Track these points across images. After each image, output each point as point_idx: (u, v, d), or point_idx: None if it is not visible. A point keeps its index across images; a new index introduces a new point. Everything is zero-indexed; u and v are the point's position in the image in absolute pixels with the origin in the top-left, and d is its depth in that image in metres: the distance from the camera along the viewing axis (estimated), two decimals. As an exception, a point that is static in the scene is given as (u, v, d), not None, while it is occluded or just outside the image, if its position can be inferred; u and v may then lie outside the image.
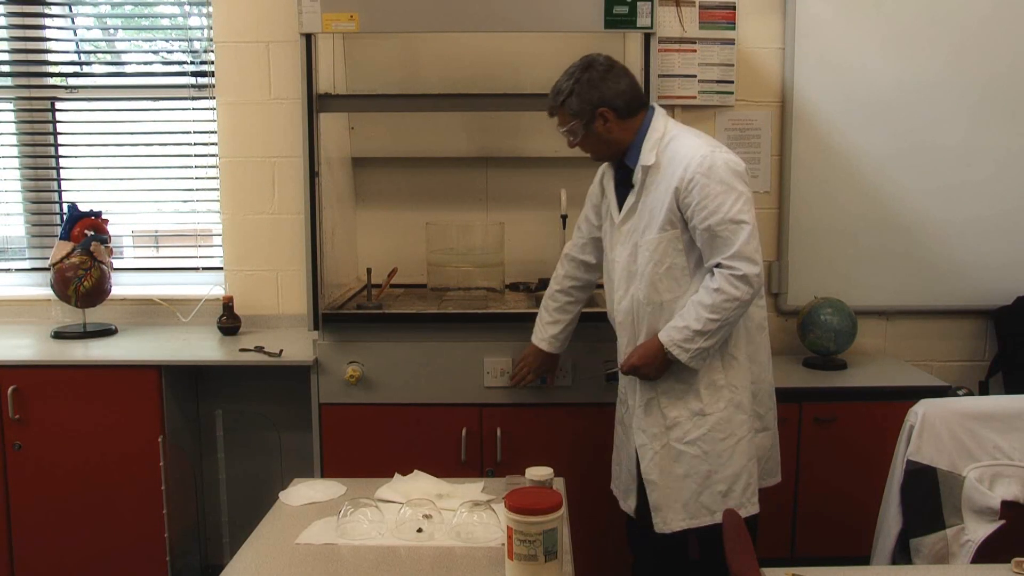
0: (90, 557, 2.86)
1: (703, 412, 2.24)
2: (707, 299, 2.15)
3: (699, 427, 2.24)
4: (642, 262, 2.25)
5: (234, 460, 3.23)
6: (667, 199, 2.19)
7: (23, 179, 3.49)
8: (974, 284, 3.29)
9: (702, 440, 2.24)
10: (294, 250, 3.23)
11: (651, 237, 2.23)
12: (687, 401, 2.25)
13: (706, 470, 2.24)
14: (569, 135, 2.29)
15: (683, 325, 2.17)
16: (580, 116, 2.24)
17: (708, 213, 2.13)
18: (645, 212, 2.25)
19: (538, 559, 1.54)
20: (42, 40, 3.42)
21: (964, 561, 1.86)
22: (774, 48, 3.24)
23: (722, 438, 2.24)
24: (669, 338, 2.18)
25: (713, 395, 2.24)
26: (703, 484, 2.24)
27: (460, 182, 3.25)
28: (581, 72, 2.24)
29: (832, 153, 3.24)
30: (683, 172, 2.16)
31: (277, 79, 3.25)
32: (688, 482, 2.25)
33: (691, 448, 2.24)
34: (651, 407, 2.28)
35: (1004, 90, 3.21)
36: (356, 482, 2.08)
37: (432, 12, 2.60)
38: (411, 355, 2.77)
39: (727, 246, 2.13)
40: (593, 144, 2.30)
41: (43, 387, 2.80)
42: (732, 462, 2.25)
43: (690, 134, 2.28)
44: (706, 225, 2.14)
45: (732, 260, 2.12)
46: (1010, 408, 1.98)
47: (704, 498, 2.25)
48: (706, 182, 2.14)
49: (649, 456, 2.28)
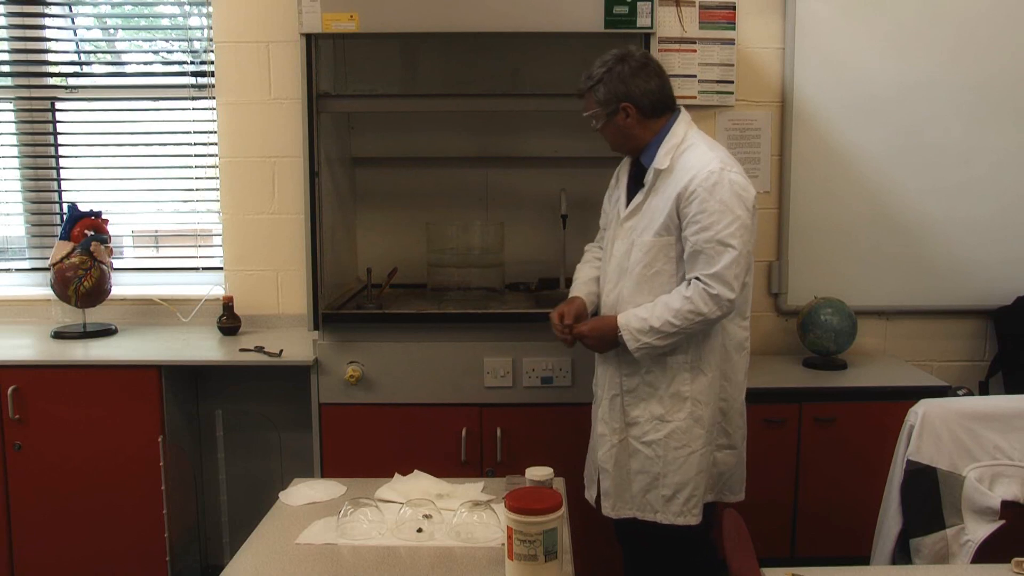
0: (90, 557, 2.86)
1: (663, 419, 2.27)
2: (675, 304, 2.17)
3: (657, 431, 2.28)
4: (634, 261, 2.27)
5: (234, 460, 3.23)
6: (668, 205, 2.20)
7: (23, 179, 3.49)
8: (974, 284, 3.29)
9: (657, 444, 2.28)
10: (294, 250, 3.23)
11: (647, 239, 2.25)
12: (649, 405, 2.28)
13: (656, 472, 2.29)
14: (591, 120, 2.31)
15: (644, 317, 2.20)
16: (604, 106, 2.26)
17: (699, 228, 2.14)
18: (648, 213, 2.26)
19: (538, 559, 1.54)
20: (42, 40, 3.42)
21: (964, 561, 1.86)
22: (774, 48, 3.24)
23: (676, 447, 2.27)
24: (626, 322, 2.22)
25: (676, 404, 2.27)
26: (651, 484, 2.30)
27: (460, 182, 3.25)
28: (615, 63, 2.24)
29: (832, 153, 3.24)
30: (687, 182, 2.17)
31: (277, 79, 3.25)
32: (640, 477, 2.32)
33: (647, 449, 2.30)
34: (615, 403, 2.33)
35: (1004, 89, 3.21)
36: (356, 482, 2.08)
37: (432, 12, 2.60)
38: (411, 355, 2.77)
39: (709, 264, 2.13)
40: (611, 135, 2.32)
41: (43, 387, 2.80)
42: (680, 471, 2.27)
43: (707, 146, 2.27)
44: (695, 239, 2.15)
45: (710, 279, 2.13)
46: (1010, 408, 1.98)
47: (650, 496, 2.31)
48: (706, 197, 2.14)
49: (606, 447, 2.34)
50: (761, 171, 3.28)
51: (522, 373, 2.76)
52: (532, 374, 2.75)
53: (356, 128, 3.20)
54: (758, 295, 3.30)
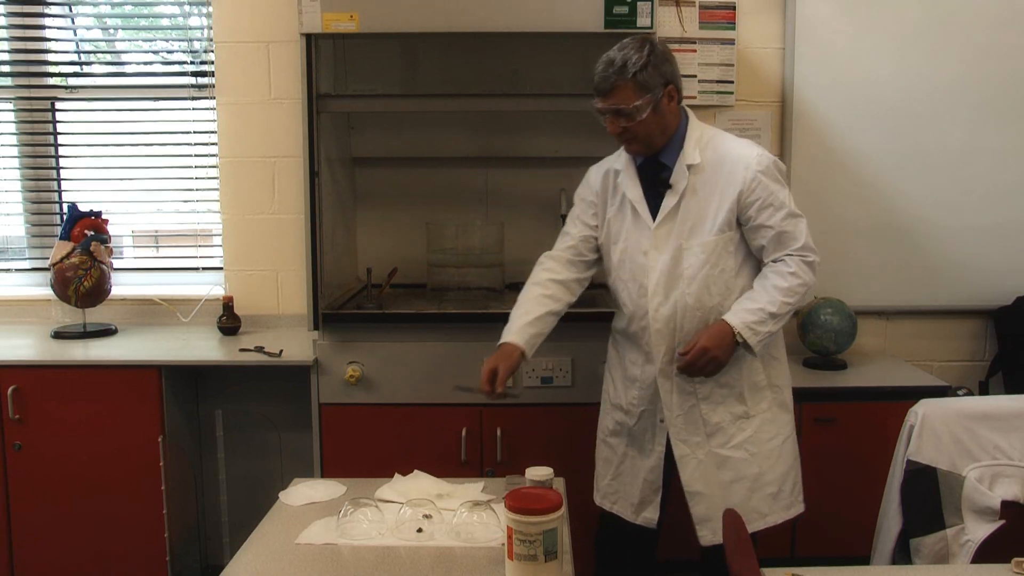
0: (90, 557, 2.86)
1: (747, 415, 2.21)
2: (783, 282, 2.12)
3: (743, 430, 2.20)
4: (693, 265, 2.16)
5: (234, 460, 3.23)
6: (727, 200, 2.14)
7: (23, 179, 3.49)
8: (974, 284, 3.28)
9: (748, 443, 2.21)
10: (294, 250, 3.23)
11: (706, 240, 2.15)
12: (729, 405, 2.20)
13: (755, 472, 2.21)
14: (633, 114, 2.10)
15: (757, 307, 2.10)
16: (652, 90, 2.10)
17: (775, 210, 2.13)
18: (690, 213, 2.17)
19: (538, 559, 1.54)
20: (42, 40, 3.42)
21: (964, 561, 1.86)
22: (774, 48, 3.24)
23: (768, 439, 2.22)
24: (741, 321, 2.08)
25: (755, 396, 2.22)
26: (753, 487, 2.21)
27: (460, 182, 3.25)
28: (648, 47, 2.11)
29: (832, 153, 3.24)
30: (744, 172, 2.13)
31: (277, 79, 3.25)
32: (737, 487, 2.21)
33: (738, 452, 2.20)
34: (692, 415, 2.21)
35: (1004, 90, 3.21)
36: (356, 482, 2.08)
37: (432, 12, 2.60)
38: (411, 355, 2.77)
39: (794, 239, 2.15)
40: (650, 127, 2.14)
41: (43, 387, 2.80)
42: (781, 462, 2.23)
43: (724, 134, 2.28)
44: (773, 222, 2.13)
45: (803, 250, 2.15)
46: (1010, 408, 1.98)
47: (755, 502, 2.21)
48: (767, 181, 2.14)
49: (692, 466, 2.22)
50: (761, 171, 3.27)
51: (522, 373, 2.75)
52: (532, 374, 2.75)
53: (356, 128, 3.19)
54: (758, 295, 3.30)
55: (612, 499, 2.36)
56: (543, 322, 2.25)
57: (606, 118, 2.15)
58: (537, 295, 2.28)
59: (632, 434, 2.31)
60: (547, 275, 2.31)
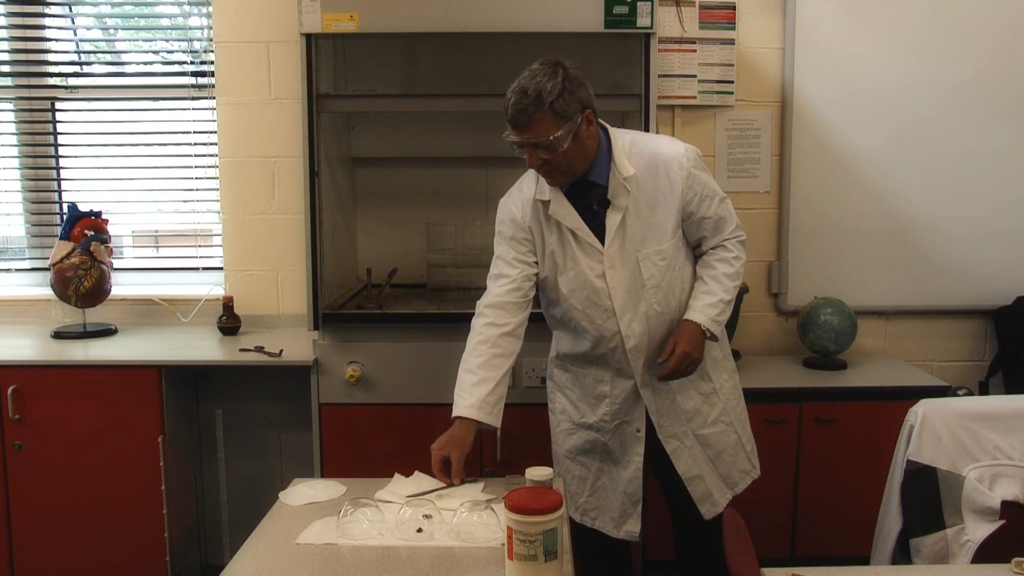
0: (90, 557, 2.86)
1: (714, 390, 2.28)
2: (729, 268, 2.20)
3: (715, 405, 2.28)
4: (654, 274, 2.16)
5: (234, 460, 3.23)
6: (673, 204, 2.14)
7: (23, 179, 3.49)
8: (974, 284, 3.29)
9: (723, 414, 2.29)
10: (294, 250, 3.23)
11: (663, 246, 2.15)
12: (697, 386, 2.26)
13: (735, 438, 2.32)
14: (553, 146, 2.00)
15: (716, 300, 2.16)
16: (571, 118, 2.00)
17: (709, 199, 2.19)
18: (638, 224, 2.14)
19: (538, 559, 1.54)
20: (42, 40, 3.42)
21: (964, 561, 1.86)
22: (774, 48, 3.24)
23: (735, 403, 2.33)
24: (706, 316, 2.14)
25: (717, 370, 2.30)
26: (736, 452, 2.32)
27: (460, 182, 3.25)
28: (562, 71, 2.01)
29: (832, 153, 3.24)
30: (679, 172, 2.13)
31: (277, 79, 3.25)
32: (724, 457, 2.30)
33: (716, 427, 2.28)
34: (672, 409, 2.25)
35: (1004, 89, 3.21)
36: (356, 482, 2.08)
37: (432, 12, 2.60)
38: (411, 355, 2.77)
39: (728, 223, 2.22)
40: (571, 157, 2.05)
41: (43, 387, 2.80)
42: (746, 419, 2.37)
43: (642, 135, 2.29)
44: (711, 212, 2.19)
45: (736, 229, 2.24)
46: (1010, 408, 1.98)
47: (740, 463, 2.33)
48: (698, 174, 2.17)
49: (685, 455, 2.26)
50: (761, 171, 3.28)
51: (522, 373, 2.75)
52: (532, 374, 2.75)
53: (356, 128, 3.19)
54: (758, 295, 3.30)
55: (592, 515, 2.35)
56: (502, 385, 2.12)
57: (524, 151, 2.05)
58: (488, 356, 2.12)
59: (607, 449, 2.30)
60: (494, 331, 2.14)
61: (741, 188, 3.26)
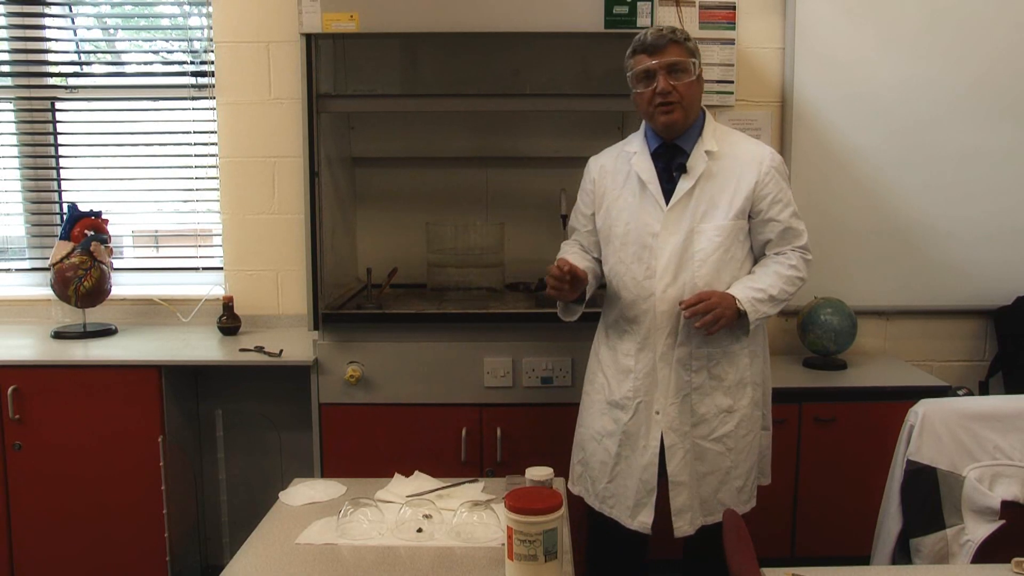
0: (90, 557, 2.86)
1: (731, 409, 2.24)
2: (785, 271, 2.22)
3: (725, 424, 2.24)
4: (706, 248, 2.19)
5: (234, 460, 3.23)
6: (743, 189, 2.20)
7: (23, 179, 3.49)
8: (974, 284, 3.29)
9: (728, 437, 2.24)
10: (294, 250, 3.23)
11: (720, 223, 2.19)
12: (715, 398, 2.23)
13: (727, 466, 2.25)
14: (689, 70, 2.17)
15: (761, 287, 2.17)
16: (697, 59, 2.20)
17: (783, 206, 2.23)
18: (704, 197, 2.20)
19: (538, 559, 1.54)
20: (42, 40, 3.42)
21: (964, 561, 1.86)
22: (774, 48, 3.24)
23: (744, 434, 2.26)
24: (745, 295, 2.15)
25: (740, 391, 2.25)
26: (723, 480, 2.25)
27: (460, 182, 3.25)
28: None
29: (832, 153, 3.24)
30: (759, 165, 2.21)
31: (277, 79, 3.25)
32: (710, 479, 2.25)
33: (716, 445, 2.23)
34: (684, 404, 2.23)
35: (1004, 89, 3.21)
36: (356, 482, 2.08)
37: (432, 12, 2.60)
38: (411, 355, 2.77)
39: (798, 237, 2.25)
40: (695, 93, 2.22)
41: (43, 387, 2.80)
42: (749, 457, 2.28)
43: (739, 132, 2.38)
44: (783, 217, 2.23)
45: (804, 249, 2.26)
46: (1010, 408, 1.98)
47: (722, 494, 2.25)
48: (779, 178, 2.24)
49: (679, 456, 2.22)
50: (761, 171, 3.27)
51: (522, 373, 2.76)
52: (532, 374, 2.75)
53: (356, 128, 3.20)
54: (758, 295, 3.30)
55: (611, 503, 2.32)
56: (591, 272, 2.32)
57: (658, 75, 2.16)
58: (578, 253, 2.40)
59: (627, 431, 2.27)
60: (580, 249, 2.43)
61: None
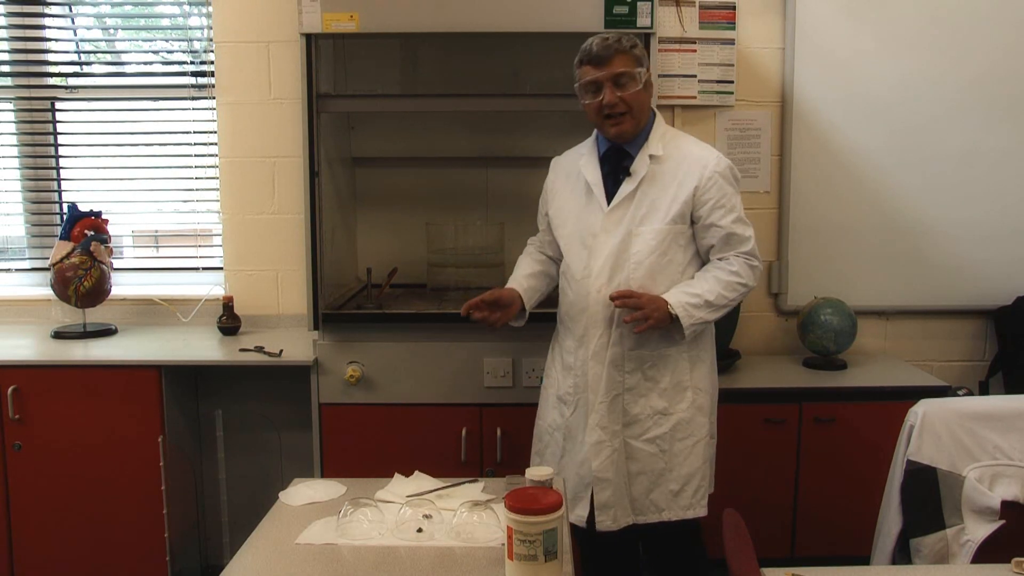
0: (90, 557, 2.86)
1: (666, 411, 2.25)
2: (725, 277, 2.21)
3: (659, 425, 2.24)
4: (641, 251, 2.21)
5: (234, 460, 3.23)
6: (683, 193, 2.20)
7: (23, 179, 3.49)
8: (974, 284, 3.28)
9: (661, 439, 2.25)
10: (294, 250, 3.23)
11: (657, 227, 2.20)
12: (650, 399, 2.25)
13: (660, 468, 2.26)
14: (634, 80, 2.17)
15: (696, 292, 2.18)
16: (644, 67, 2.21)
17: (726, 211, 2.21)
18: (645, 201, 2.22)
19: (538, 559, 1.54)
20: (42, 40, 3.42)
21: (964, 561, 1.86)
22: (774, 48, 3.24)
23: (681, 438, 2.26)
24: (678, 300, 2.16)
25: (677, 395, 2.26)
26: (655, 482, 2.26)
27: (460, 182, 3.25)
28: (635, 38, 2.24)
29: (832, 153, 3.24)
30: (702, 170, 2.21)
31: (277, 79, 3.25)
32: (641, 479, 2.26)
33: (648, 446, 2.25)
34: (616, 404, 2.26)
35: (1004, 90, 3.21)
36: (356, 482, 2.08)
37: (432, 12, 2.60)
38: (411, 355, 2.77)
39: (743, 243, 2.24)
40: (641, 102, 2.22)
41: (43, 387, 2.80)
42: (687, 463, 2.26)
43: (687, 135, 2.37)
44: (724, 223, 2.22)
45: (749, 255, 2.24)
46: (1010, 408, 1.98)
47: (655, 495, 2.26)
48: (723, 183, 2.22)
49: (606, 454, 2.25)
50: (761, 171, 3.28)
51: (522, 373, 2.76)
52: (532, 374, 2.75)
53: (356, 128, 3.20)
54: (758, 295, 3.30)
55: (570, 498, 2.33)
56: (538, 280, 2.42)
57: (604, 87, 2.17)
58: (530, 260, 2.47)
59: (568, 426, 2.32)
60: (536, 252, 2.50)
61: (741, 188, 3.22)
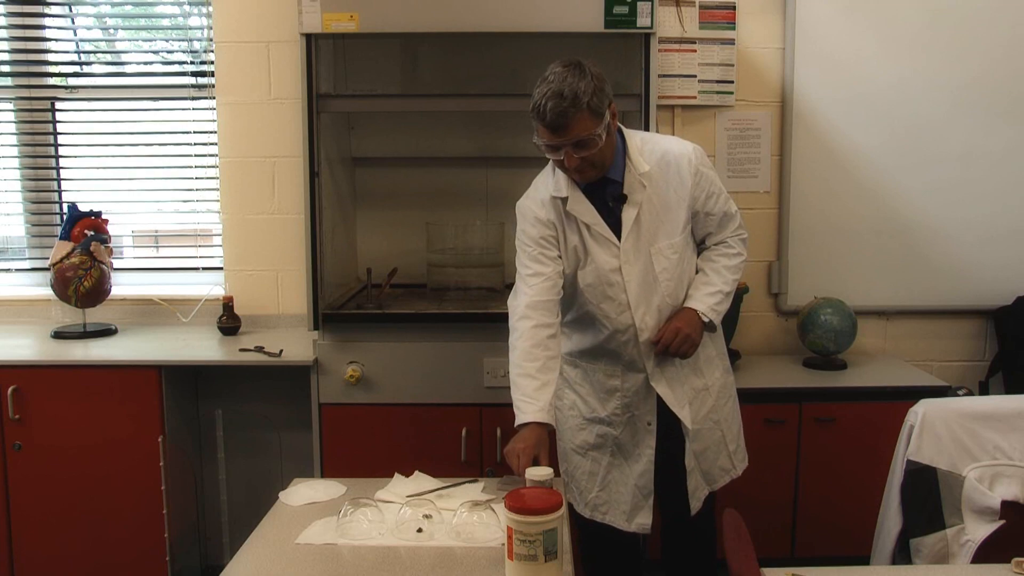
0: (90, 557, 2.86)
1: (706, 387, 2.30)
2: (731, 262, 2.28)
3: (705, 402, 2.30)
4: (667, 267, 2.20)
5: (234, 460, 3.23)
6: (683, 199, 2.20)
7: (23, 179, 3.49)
8: (974, 284, 3.29)
9: (712, 412, 2.31)
10: (294, 250, 3.22)
11: (674, 240, 2.20)
12: (691, 381, 2.28)
13: (719, 436, 2.34)
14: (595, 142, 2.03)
15: (715, 290, 2.23)
16: (603, 115, 2.03)
17: (716, 196, 2.26)
18: (652, 219, 2.18)
19: (538, 559, 1.54)
20: (42, 40, 3.43)
21: (964, 561, 1.86)
22: (774, 48, 3.24)
23: (724, 402, 2.35)
24: (705, 305, 2.21)
25: (709, 367, 2.32)
26: (718, 450, 2.34)
27: (460, 182, 3.25)
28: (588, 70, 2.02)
29: (832, 153, 3.24)
30: (688, 168, 2.20)
31: (277, 79, 3.25)
32: (708, 453, 2.33)
33: (704, 424, 2.30)
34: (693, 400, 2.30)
35: (1004, 90, 3.21)
36: (356, 482, 2.08)
37: (432, 12, 2.60)
38: (411, 355, 2.77)
39: (733, 219, 2.30)
40: (606, 151, 2.09)
41: (43, 387, 2.80)
42: (734, 421, 2.39)
43: (651, 134, 2.36)
44: (717, 209, 2.26)
45: (739, 229, 2.32)
46: (1010, 408, 1.98)
47: (721, 461, 2.35)
48: (705, 171, 2.24)
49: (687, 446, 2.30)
50: (761, 171, 3.28)
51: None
52: (532, 374, 2.74)
53: (356, 128, 3.20)
54: (758, 295, 3.30)
55: (603, 510, 2.33)
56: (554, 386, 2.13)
57: (563, 152, 2.04)
58: (544, 360, 2.10)
59: (618, 443, 2.30)
60: (543, 332, 2.13)
61: (741, 188, 3.26)
